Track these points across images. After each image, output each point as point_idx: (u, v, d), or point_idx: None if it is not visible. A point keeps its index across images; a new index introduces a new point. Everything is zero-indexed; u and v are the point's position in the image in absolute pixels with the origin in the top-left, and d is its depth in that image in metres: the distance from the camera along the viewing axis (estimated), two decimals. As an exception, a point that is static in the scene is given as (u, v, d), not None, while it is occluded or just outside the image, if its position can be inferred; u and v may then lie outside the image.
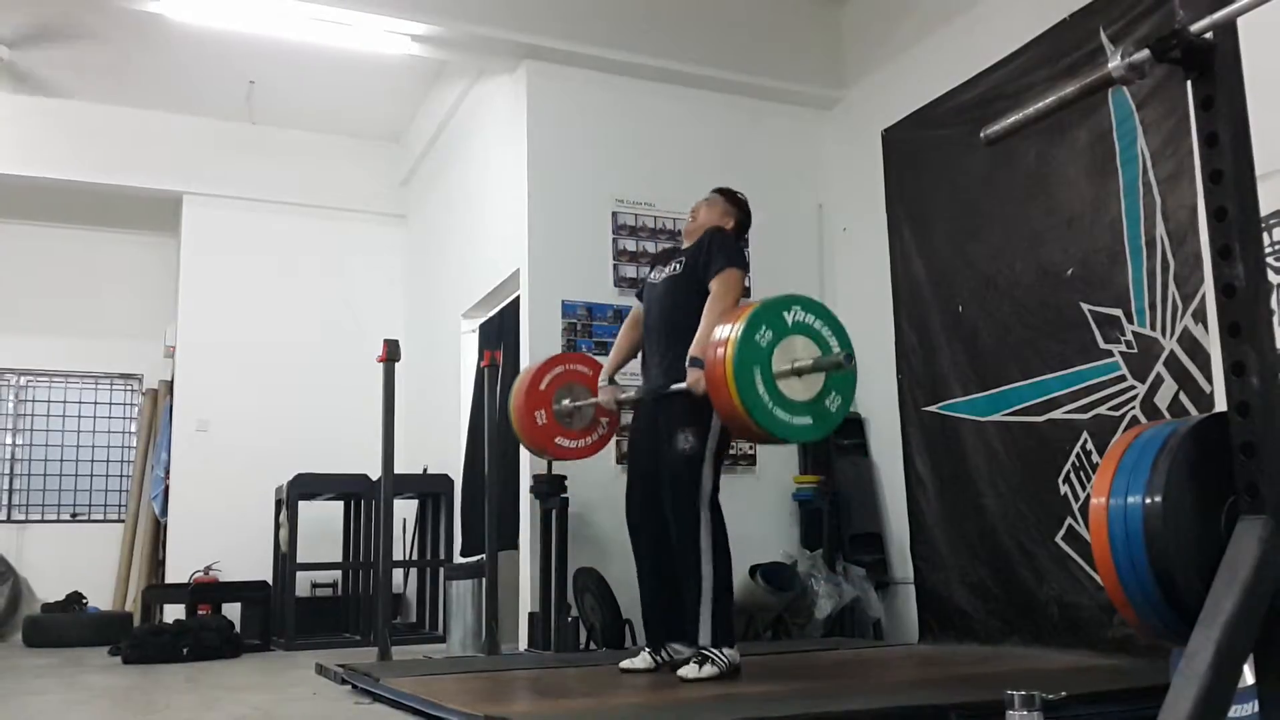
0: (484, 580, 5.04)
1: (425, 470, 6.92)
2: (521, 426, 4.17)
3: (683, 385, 3.44)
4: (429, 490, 6.85)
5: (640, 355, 3.91)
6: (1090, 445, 4.23)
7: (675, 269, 3.80)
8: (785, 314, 3.11)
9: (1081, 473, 4.26)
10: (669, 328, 3.69)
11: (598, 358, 4.39)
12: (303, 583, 6.85)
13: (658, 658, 3.75)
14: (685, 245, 3.92)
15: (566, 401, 4.22)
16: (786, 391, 3.03)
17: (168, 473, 7.39)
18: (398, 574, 6.90)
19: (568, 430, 4.25)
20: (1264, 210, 1.70)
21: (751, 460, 5.46)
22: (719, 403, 3.15)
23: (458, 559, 6.30)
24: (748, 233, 4.00)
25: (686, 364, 3.43)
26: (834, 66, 6.06)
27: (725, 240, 3.76)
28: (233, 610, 6.23)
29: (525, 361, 5.32)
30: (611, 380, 4.03)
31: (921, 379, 5.18)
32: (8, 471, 7.96)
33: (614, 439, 4.61)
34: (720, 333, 3.14)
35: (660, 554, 3.68)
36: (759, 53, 5.92)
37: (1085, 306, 4.29)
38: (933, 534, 5.04)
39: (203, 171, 7.58)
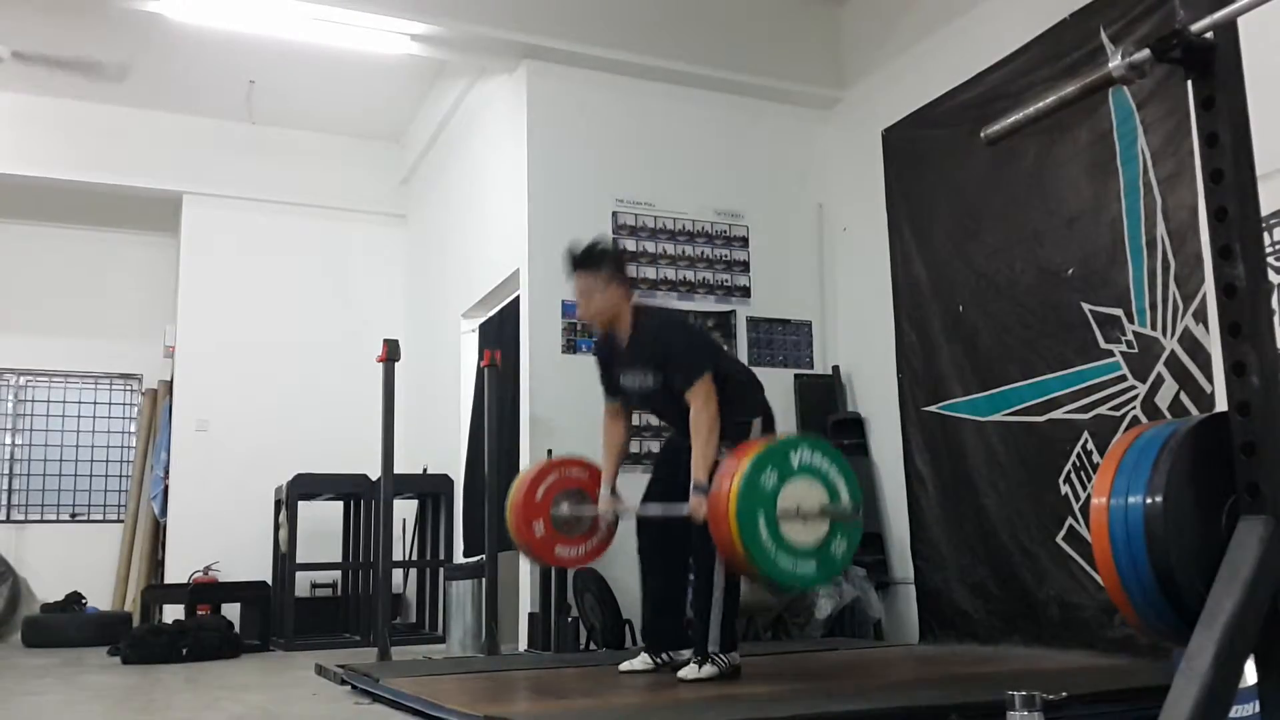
0: (484, 580, 5.04)
1: (425, 470, 6.92)
2: (520, 538, 4.07)
3: (683, 508, 3.43)
4: (429, 490, 6.85)
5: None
6: (1091, 445, 4.23)
7: (648, 381, 3.67)
8: (791, 455, 3.01)
9: (1082, 473, 4.26)
10: (682, 416, 3.61)
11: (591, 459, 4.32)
12: (302, 583, 6.85)
13: (657, 659, 3.75)
14: (624, 345, 3.74)
15: (565, 506, 4.14)
16: (791, 536, 2.95)
17: (167, 473, 7.38)
18: (397, 574, 6.90)
19: (567, 538, 4.09)
20: (1264, 210, 1.70)
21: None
22: (721, 543, 3.07)
23: (461, 559, 6.29)
24: (621, 260, 3.82)
25: (691, 488, 3.38)
26: (834, 66, 6.06)
27: (677, 340, 3.64)
28: (232, 610, 6.24)
29: (526, 360, 5.33)
30: (613, 491, 3.95)
31: (921, 379, 5.18)
32: (7, 471, 7.95)
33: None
34: (724, 467, 3.04)
35: (670, 570, 3.72)
36: (759, 53, 5.92)
37: (1086, 306, 4.29)
38: (933, 534, 5.04)
39: (203, 171, 7.58)
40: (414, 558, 7.10)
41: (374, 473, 5.31)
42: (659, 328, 3.69)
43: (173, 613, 6.33)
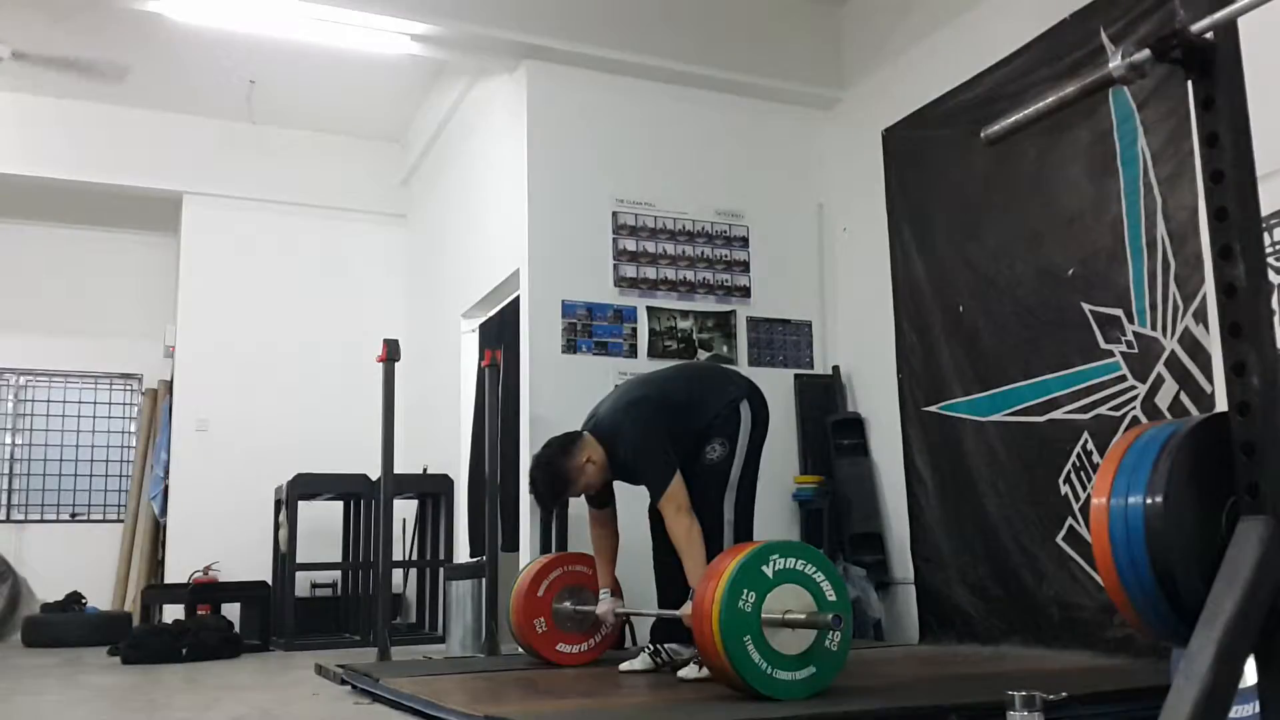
0: (484, 580, 5.04)
1: (425, 470, 6.92)
2: (521, 635, 4.06)
3: (677, 613, 3.49)
4: (429, 490, 6.85)
5: None
6: (1091, 445, 4.23)
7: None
8: (764, 568, 2.93)
9: (1082, 473, 4.26)
10: None
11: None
12: (302, 583, 6.85)
13: (658, 659, 3.76)
14: (612, 474, 3.85)
15: (568, 603, 4.11)
16: (782, 649, 2.89)
17: (167, 473, 7.39)
18: (397, 574, 6.90)
19: (569, 635, 4.11)
20: (1265, 210, 1.70)
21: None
22: (713, 671, 3.02)
23: (465, 559, 6.29)
24: (560, 442, 3.85)
25: (689, 598, 3.37)
26: (834, 66, 6.06)
27: (637, 460, 3.71)
28: (232, 610, 6.24)
29: (526, 360, 5.33)
30: (613, 593, 3.99)
31: (922, 379, 5.18)
32: (7, 471, 7.96)
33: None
34: (704, 592, 2.97)
35: (670, 557, 3.73)
36: (759, 53, 5.92)
37: (1086, 306, 4.29)
38: (933, 534, 5.04)
39: (203, 171, 7.58)
40: (414, 558, 7.10)
41: (374, 473, 5.30)
42: (623, 454, 3.77)
43: (173, 613, 6.33)
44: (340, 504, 7.09)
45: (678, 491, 3.59)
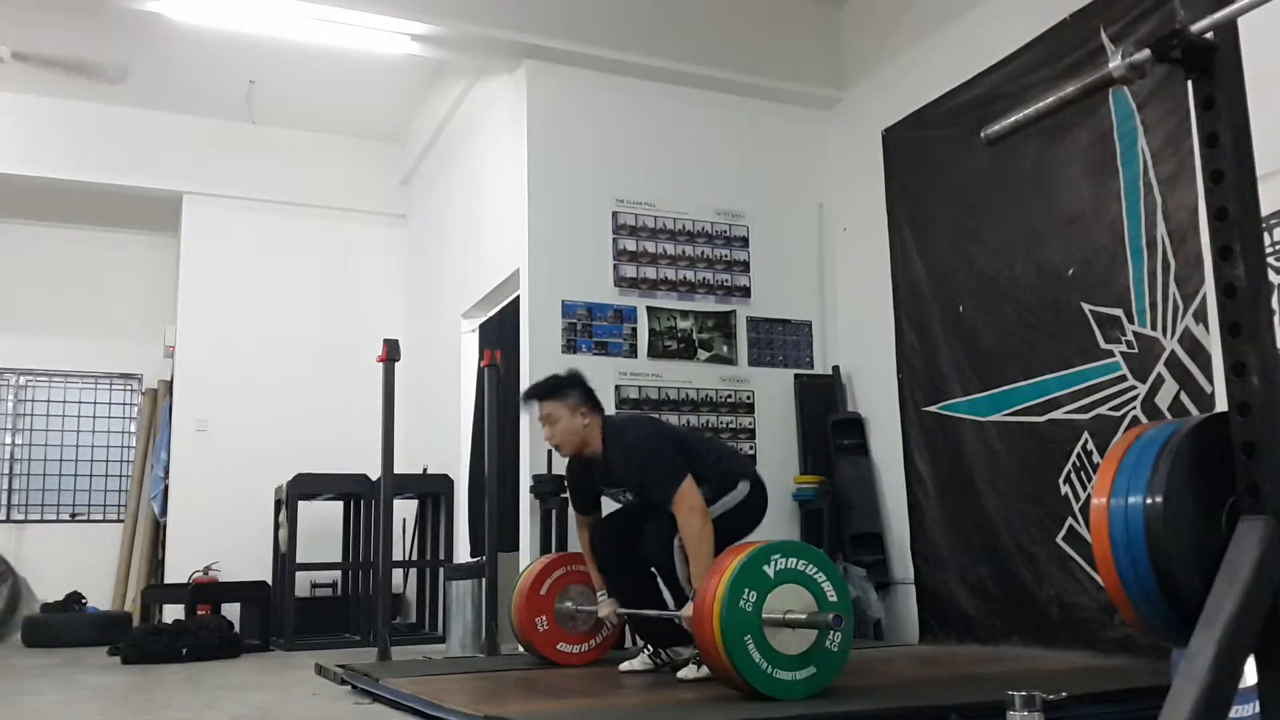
0: (484, 580, 5.04)
1: (425, 470, 6.92)
2: (523, 633, 4.07)
3: (678, 614, 3.46)
4: (429, 490, 6.85)
5: None
6: (1091, 445, 4.23)
7: (629, 497, 3.79)
8: (766, 567, 2.94)
9: (1082, 473, 4.26)
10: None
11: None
12: (302, 583, 6.85)
13: (657, 659, 3.76)
14: (599, 466, 3.78)
15: (569, 604, 4.11)
16: (782, 648, 2.90)
17: (167, 472, 7.39)
18: (397, 574, 6.90)
19: (570, 635, 4.11)
20: (1265, 210, 1.70)
21: (750, 460, 5.46)
22: (714, 670, 3.02)
23: (466, 559, 6.29)
24: (589, 387, 3.83)
25: (689, 594, 3.37)
26: (834, 66, 6.06)
27: (646, 461, 3.60)
28: (232, 610, 6.24)
29: (526, 360, 5.33)
30: (610, 593, 3.96)
31: (922, 379, 5.18)
32: (7, 471, 7.95)
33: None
34: (706, 591, 2.97)
35: (632, 566, 3.76)
36: (759, 53, 5.92)
37: (1086, 306, 4.29)
38: (933, 534, 5.04)
39: (203, 171, 7.58)
40: (414, 558, 7.10)
41: (374, 473, 5.31)
42: (628, 450, 3.67)
43: (173, 613, 6.34)
44: (340, 504, 7.09)
45: (689, 492, 3.48)
